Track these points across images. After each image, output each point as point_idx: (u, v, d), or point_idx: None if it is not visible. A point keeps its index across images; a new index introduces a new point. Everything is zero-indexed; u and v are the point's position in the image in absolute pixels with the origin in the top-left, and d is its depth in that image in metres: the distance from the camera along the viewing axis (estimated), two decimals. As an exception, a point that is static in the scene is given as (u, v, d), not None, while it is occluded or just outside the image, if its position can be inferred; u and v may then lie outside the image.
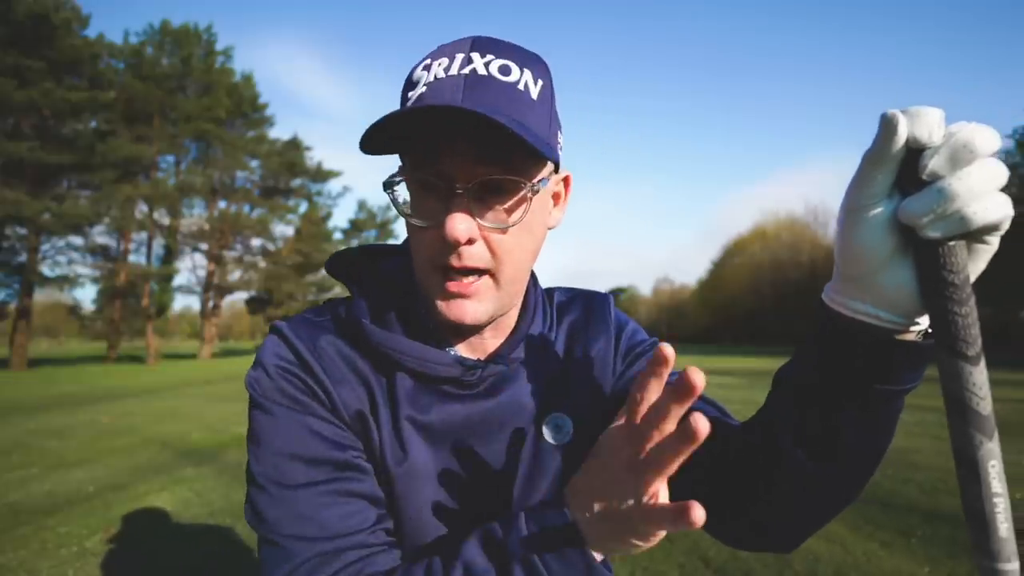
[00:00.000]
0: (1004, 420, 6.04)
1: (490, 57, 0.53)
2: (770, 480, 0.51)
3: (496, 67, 0.52)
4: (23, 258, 22.27)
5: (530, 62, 0.55)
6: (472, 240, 0.53)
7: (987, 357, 0.39)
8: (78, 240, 24.10)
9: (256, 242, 31.60)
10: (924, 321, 0.44)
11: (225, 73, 28.87)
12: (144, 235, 27.37)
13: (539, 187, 0.54)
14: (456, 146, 0.51)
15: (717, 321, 62.25)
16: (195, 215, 29.15)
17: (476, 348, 0.63)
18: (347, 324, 0.61)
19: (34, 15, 19.47)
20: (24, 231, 21.83)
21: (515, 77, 0.52)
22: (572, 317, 0.71)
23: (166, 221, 27.33)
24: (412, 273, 0.63)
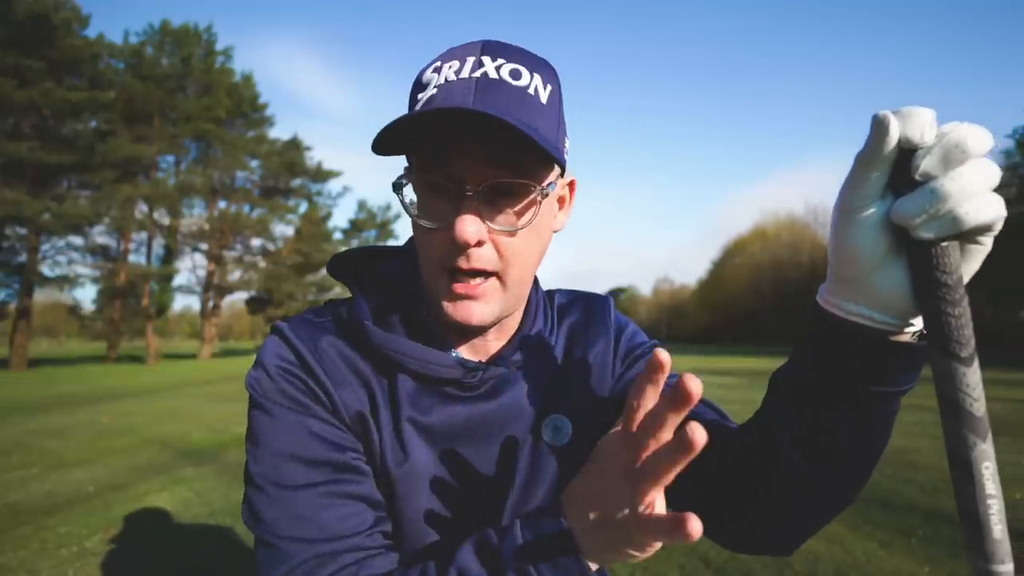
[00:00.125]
0: (1001, 420, 6.04)
1: (501, 61, 0.53)
2: (767, 482, 0.51)
3: (507, 71, 0.52)
4: (23, 258, 22.23)
5: (540, 67, 0.55)
6: (481, 242, 0.53)
7: (981, 357, 0.39)
8: (78, 240, 24.10)
9: (256, 242, 31.62)
10: (919, 322, 0.43)
11: (225, 73, 28.83)
12: (144, 235, 27.35)
13: (548, 191, 0.55)
14: (467, 148, 0.51)
15: (717, 321, 62.26)
16: (195, 215, 29.15)
17: (478, 350, 0.63)
18: (348, 325, 0.61)
19: (34, 15, 19.43)
20: (24, 231, 21.79)
21: (525, 81, 0.53)
22: (572, 319, 0.71)
23: (166, 221, 27.30)
24: (414, 274, 0.63)
